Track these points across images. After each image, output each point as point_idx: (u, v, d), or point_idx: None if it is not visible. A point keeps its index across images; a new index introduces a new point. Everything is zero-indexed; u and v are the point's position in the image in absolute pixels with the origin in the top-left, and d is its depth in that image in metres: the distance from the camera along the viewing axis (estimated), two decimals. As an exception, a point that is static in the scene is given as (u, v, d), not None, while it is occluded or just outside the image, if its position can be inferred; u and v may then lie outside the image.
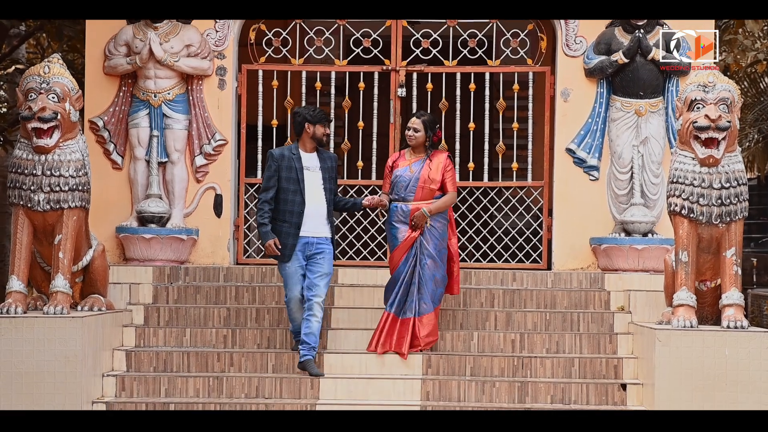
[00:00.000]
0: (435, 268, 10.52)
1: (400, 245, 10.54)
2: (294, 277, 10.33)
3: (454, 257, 10.73)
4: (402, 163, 10.72)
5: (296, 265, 10.32)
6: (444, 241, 10.62)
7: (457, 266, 10.78)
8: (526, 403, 10.23)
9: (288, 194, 10.32)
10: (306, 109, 10.55)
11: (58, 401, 9.72)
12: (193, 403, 10.09)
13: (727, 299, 10.01)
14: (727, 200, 9.95)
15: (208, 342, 10.90)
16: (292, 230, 10.30)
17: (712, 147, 9.90)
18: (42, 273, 10.57)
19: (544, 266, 12.26)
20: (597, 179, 12.10)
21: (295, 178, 10.32)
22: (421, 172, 10.57)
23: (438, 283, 10.56)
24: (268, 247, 10.26)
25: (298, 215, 10.30)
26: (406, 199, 10.60)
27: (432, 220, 10.54)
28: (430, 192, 10.57)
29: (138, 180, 12.11)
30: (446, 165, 10.64)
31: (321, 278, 10.33)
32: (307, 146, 10.49)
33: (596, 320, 11.12)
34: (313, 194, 10.37)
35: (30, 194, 10.12)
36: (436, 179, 10.56)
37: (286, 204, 10.32)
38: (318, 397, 10.21)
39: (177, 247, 11.95)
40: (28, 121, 10.08)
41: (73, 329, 9.83)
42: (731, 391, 9.70)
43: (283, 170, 10.35)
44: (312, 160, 10.46)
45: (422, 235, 10.52)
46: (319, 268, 10.34)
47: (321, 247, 10.38)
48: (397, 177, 10.65)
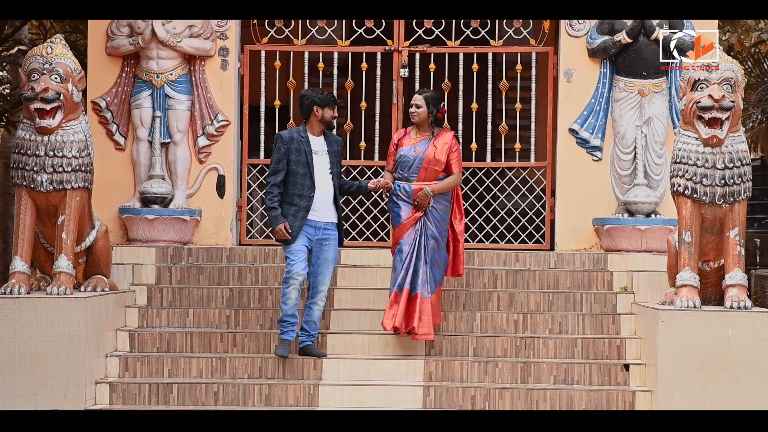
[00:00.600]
0: (437, 249, 10.40)
1: (402, 223, 10.42)
2: (299, 253, 10.17)
3: (459, 238, 10.60)
4: (407, 141, 10.55)
5: (301, 242, 10.19)
6: (445, 223, 10.48)
7: (462, 246, 10.64)
8: (528, 384, 10.24)
9: (297, 177, 10.19)
10: (314, 92, 10.41)
11: (61, 381, 9.75)
12: (196, 383, 10.10)
13: (730, 279, 10.01)
14: (731, 180, 9.94)
15: (211, 322, 10.91)
16: (300, 213, 10.18)
17: (716, 127, 9.88)
18: (45, 254, 10.58)
19: (547, 247, 12.26)
20: (600, 160, 12.09)
21: (305, 161, 10.19)
22: (426, 152, 10.42)
23: (439, 265, 10.45)
24: (278, 231, 10.14)
25: (308, 199, 10.18)
26: (410, 179, 10.46)
27: (434, 202, 10.38)
28: (434, 173, 10.41)
29: (141, 161, 12.10)
30: (452, 146, 10.46)
31: (326, 264, 10.27)
32: (315, 129, 10.35)
33: (599, 301, 11.12)
34: (322, 178, 10.25)
35: (33, 175, 10.12)
36: (441, 160, 10.40)
37: (295, 187, 10.19)
38: (321, 377, 10.22)
39: (180, 227, 11.96)
40: (31, 101, 10.08)
41: (76, 310, 9.84)
42: (734, 371, 9.70)
43: (293, 153, 10.21)
44: (320, 144, 10.34)
45: (425, 216, 10.40)
46: (325, 255, 10.27)
47: (327, 233, 10.28)
48: (402, 156, 10.50)
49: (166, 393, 10.08)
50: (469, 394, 10.04)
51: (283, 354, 10.16)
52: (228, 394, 10.05)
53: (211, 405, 10.00)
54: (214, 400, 10.03)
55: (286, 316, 10.16)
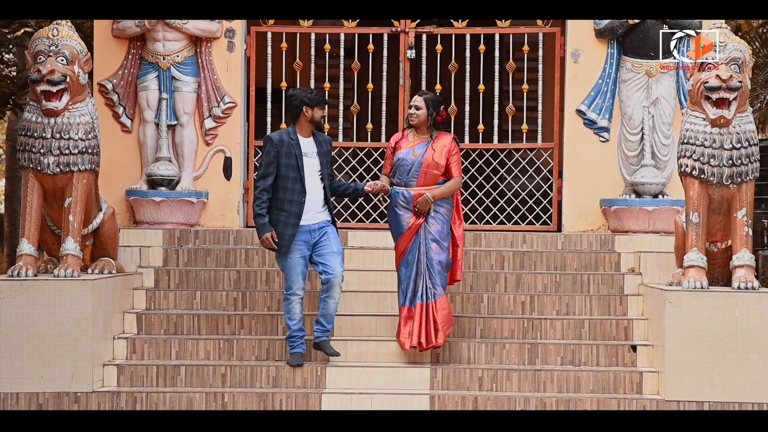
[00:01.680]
0: (439, 251, 10.06)
1: (404, 233, 10.07)
2: (296, 269, 9.90)
3: (458, 243, 10.26)
4: (405, 144, 10.17)
5: (298, 256, 9.89)
6: (448, 225, 10.16)
7: (461, 252, 10.31)
8: (536, 365, 10.24)
9: (287, 182, 9.82)
10: (303, 92, 10.00)
11: (69, 364, 9.76)
12: (204, 365, 10.11)
13: (737, 260, 9.99)
14: (738, 161, 9.92)
15: (219, 304, 10.92)
16: (291, 220, 9.82)
17: (723, 107, 9.86)
18: (52, 236, 10.59)
19: (554, 228, 12.25)
20: (607, 141, 12.07)
21: (295, 165, 9.83)
22: (424, 156, 10.06)
23: (444, 267, 10.10)
24: (264, 240, 9.81)
25: (299, 204, 9.82)
26: (409, 184, 10.10)
27: (436, 205, 10.05)
28: (434, 177, 10.07)
29: (147, 143, 12.10)
30: (451, 149, 10.11)
31: (332, 255, 9.91)
32: (304, 130, 9.98)
33: (606, 282, 11.11)
34: (312, 182, 9.90)
35: (40, 157, 10.12)
36: (441, 164, 10.05)
37: (286, 192, 9.83)
38: (328, 359, 10.23)
39: (187, 210, 11.96)
40: (37, 83, 10.07)
41: (83, 292, 9.85)
42: (741, 352, 9.70)
43: (283, 156, 9.84)
44: (309, 146, 9.97)
45: (426, 220, 10.06)
46: (328, 248, 9.93)
47: (323, 230, 9.96)
48: (400, 160, 10.13)
49: (173, 375, 10.09)
50: (476, 376, 10.04)
51: (297, 363, 10.01)
52: (236, 376, 10.07)
53: (219, 387, 10.01)
54: (221, 382, 10.04)
55: (293, 332, 10.03)
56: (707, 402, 9.69)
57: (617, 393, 9.99)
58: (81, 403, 9.76)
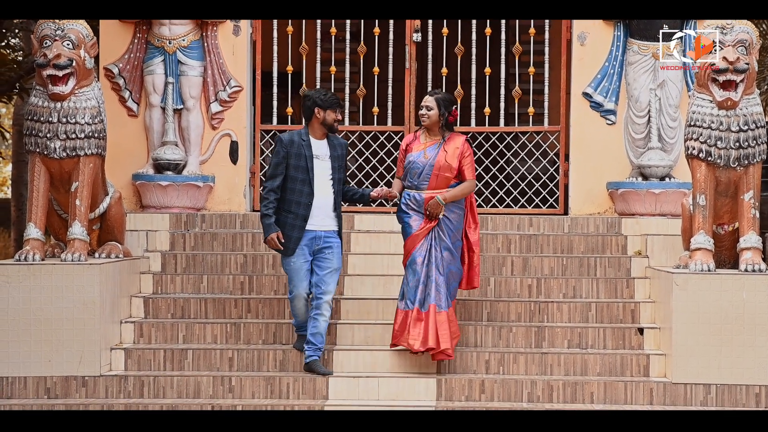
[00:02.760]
0: (451, 261, 9.85)
1: (414, 234, 9.86)
2: (300, 272, 9.74)
3: (473, 248, 10.02)
4: (416, 146, 9.96)
5: (302, 260, 9.73)
6: (459, 233, 9.92)
7: (477, 257, 10.05)
8: (542, 348, 10.25)
9: (296, 183, 9.68)
10: (317, 93, 9.85)
11: (76, 348, 9.78)
12: (211, 349, 10.13)
13: (744, 242, 9.99)
14: (745, 143, 9.90)
15: (225, 289, 10.93)
16: (298, 222, 9.68)
17: (730, 89, 9.84)
18: (59, 220, 10.60)
19: (561, 211, 12.25)
20: (614, 123, 12.05)
21: (304, 167, 9.67)
22: (436, 158, 9.84)
23: (453, 277, 9.89)
24: (270, 241, 9.67)
25: (306, 207, 9.68)
26: (420, 187, 9.89)
27: (447, 210, 9.83)
28: (446, 180, 9.85)
29: (154, 127, 12.10)
30: (464, 151, 9.88)
31: (330, 275, 9.77)
32: (317, 132, 9.82)
33: (613, 265, 11.11)
34: (322, 185, 9.74)
35: (46, 141, 10.12)
36: (453, 166, 9.83)
37: (293, 194, 9.69)
38: (335, 343, 10.24)
39: (193, 194, 11.97)
40: (43, 68, 10.06)
41: (90, 276, 9.86)
42: (749, 334, 9.69)
43: (292, 157, 9.68)
44: (322, 148, 9.81)
45: (437, 226, 9.84)
46: (328, 264, 9.76)
47: (329, 241, 9.78)
48: (411, 163, 9.90)
49: (180, 359, 10.11)
50: (483, 359, 10.05)
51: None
52: (243, 360, 10.08)
53: (226, 371, 10.02)
54: (228, 365, 10.06)
55: (298, 324, 10.02)
56: (714, 384, 9.69)
57: (624, 376, 9.99)
58: (89, 387, 9.79)
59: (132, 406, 9.59)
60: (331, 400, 9.70)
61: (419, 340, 9.75)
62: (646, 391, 9.77)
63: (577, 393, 9.80)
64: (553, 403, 9.73)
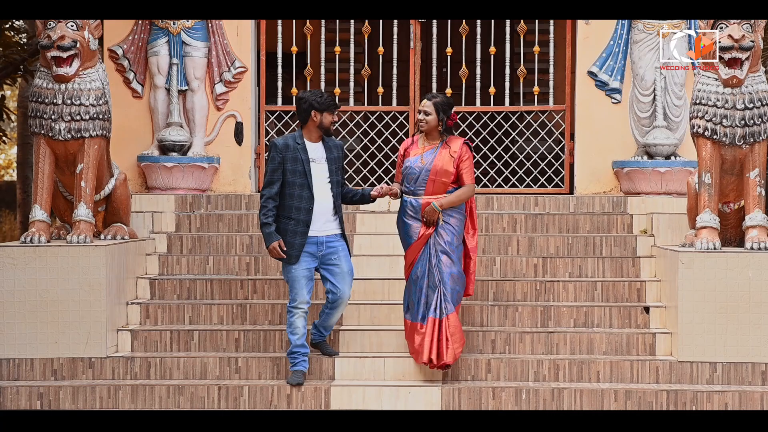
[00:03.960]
0: (451, 264, 9.53)
1: (413, 245, 9.59)
2: (301, 281, 9.46)
3: (471, 254, 9.74)
4: (414, 151, 9.65)
5: (304, 267, 9.46)
6: (459, 238, 9.61)
7: (474, 264, 9.79)
8: (548, 327, 10.25)
9: (294, 189, 9.39)
10: (313, 95, 9.50)
11: (83, 329, 9.80)
12: (217, 330, 10.14)
13: (750, 221, 9.97)
14: (751, 121, 9.88)
15: (231, 270, 10.94)
16: (300, 228, 9.40)
17: (736, 67, 9.82)
18: (64, 202, 10.60)
19: (566, 190, 12.24)
20: (619, 102, 12.03)
21: (302, 171, 9.39)
22: (433, 162, 9.52)
23: (456, 281, 9.58)
24: (272, 250, 9.38)
25: (306, 212, 9.40)
26: (417, 193, 9.58)
27: (445, 216, 9.52)
28: (443, 185, 9.53)
29: (158, 108, 12.10)
30: (462, 154, 9.53)
31: (343, 278, 9.54)
32: (312, 135, 9.52)
33: (619, 244, 11.10)
34: (320, 188, 9.46)
35: (51, 123, 10.12)
36: (450, 171, 9.50)
37: (293, 200, 9.40)
38: (342, 323, 10.25)
39: (198, 175, 11.97)
40: (48, 50, 10.06)
41: (96, 258, 9.87)
42: (755, 312, 9.69)
43: (288, 162, 9.40)
44: (318, 151, 9.52)
45: (436, 232, 9.53)
46: (338, 269, 9.52)
47: (333, 246, 9.53)
48: (408, 168, 9.60)
49: (187, 340, 10.12)
50: (489, 339, 10.06)
51: (298, 382, 9.58)
52: (249, 341, 10.09)
53: (233, 351, 10.04)
54: (235, 346, 10.07)
55: (295, 347, 9.60)
56: (720, 363, 9.69)
57: (630, 354, 9.99)
58: (95, 368, 9.81)
59: (139, 388, 9.61)
60: (337, 380, 9.71)
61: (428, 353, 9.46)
62: (652, 369, 9.77)
63: (583, 372, 9.80)
64: (559, 383, 9.74)
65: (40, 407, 9.56)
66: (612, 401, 9.50)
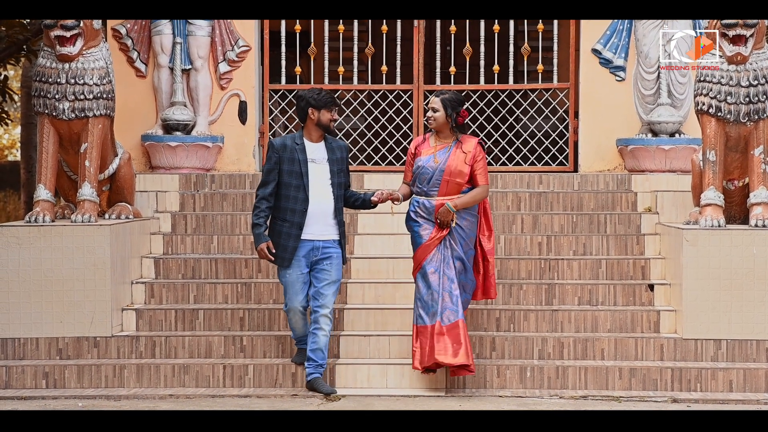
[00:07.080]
0: (463, 271, 9.34)
1: (425, 244, 9.31)
2: (295, 285, 9.24)
3: (488, 257, 9.48)
4: (425, 150, 9.37)
5: (298, 272, 9.23)
6: (471, 241, 9.36)
7: (492, 266, 9.53)
8: (553, 305, 10.26)
9: (290, 190, 9.16)
10: (310, 93, 9.28)
11: (88, 309, 9.81)
12: (222, 309, 10.16)
13: (755, 198, 9.97)
14: (755, 98, 9.87)
15: (236, 249, 10.95)
16: (293, 231, 9.16)
17: (740, 44, 9.80)
18: (69, 182, 10.61)
19: (571, 168, 12.22)
20: (623, 80, 12.01)
21: (298, 172, 9.15)
22: (446, 162, 9.24)
23: (465, 289, 9.39)
24: (260, 251, 9.18)
25: (301, 214, 9.15)
26: (430, 194, 9.31)
27: (458, 218, 9.26)
28: (457, 186, 9.27)
29: (162, 88, 12.09)
30: (476, 154, 9.27)
31: (328, 287, 9.25)
32: (312, 135, 9.29)
33: (623, 222, 11.10)
34: (319, 190, 9.21)
35: (55, 103, 10.12)
36: (464, 172, 9.24)
37: (288, 201, 9.17)
38: (346, 302, 10.26)
39: (202, 154, 11.96)
40: (51, 29, 10.05)
41: (100, 237, 9.88)
42: (759, 289, 9.69)
43: (285, 162, 9.16)
44: (318, 151, 9.28)
45: (449, 235, 9.28)
46: (326, 276, 9.24)
47: (328, 252, 9.26)
48: (420, 168, 9.32)
49: (192, 319, 10.14)
50: (493, 317, 10.07)
51: (303, 360, 9.48)
52: (254, 320, 10.11)
53: (237, 330, 10.05)
54: (240, 325, 10.09)
55: (297, 337, 9.60)
56: (725, 340, 9.70)
57: (635, 332, 10.00)
58: (101, 347, 9.82)
59: (144, 367, 9.63)
60: (342, 359, 9.73)
61: (445, 355, 9.19)
62: (656, 347, 9.78)
63: (588, 350, 9.81)
64: (563, 360, 9.75)
65: (45, 386, 9.57)
66: (617, 379, 9.52)
